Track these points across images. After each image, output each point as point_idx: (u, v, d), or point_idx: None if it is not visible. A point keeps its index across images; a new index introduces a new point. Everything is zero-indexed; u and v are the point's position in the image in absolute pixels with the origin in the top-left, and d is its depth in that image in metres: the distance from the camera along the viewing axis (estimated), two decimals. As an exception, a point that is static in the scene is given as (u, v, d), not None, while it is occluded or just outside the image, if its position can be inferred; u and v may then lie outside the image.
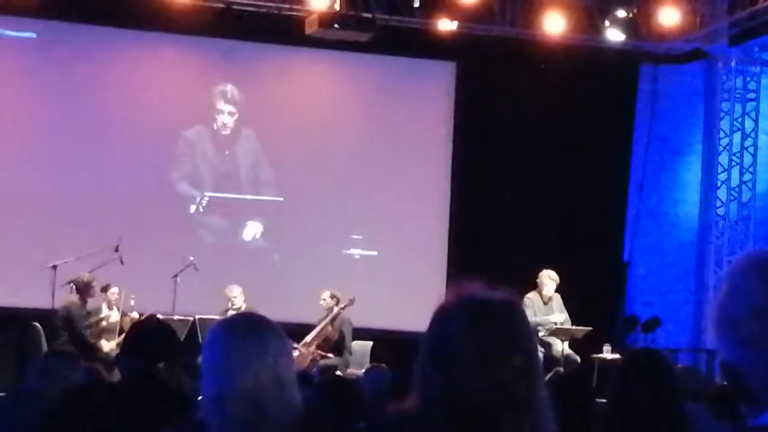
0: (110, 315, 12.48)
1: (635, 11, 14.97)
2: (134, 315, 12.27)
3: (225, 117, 15.33)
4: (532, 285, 13.06)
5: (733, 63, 16.12)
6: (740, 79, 16.19)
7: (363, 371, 9.92)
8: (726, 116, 16.16)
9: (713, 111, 16.27)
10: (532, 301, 12.91)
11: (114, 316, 12.46)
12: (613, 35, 14.94)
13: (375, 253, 15.53)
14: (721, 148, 16.16)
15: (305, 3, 14.00)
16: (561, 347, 12.85)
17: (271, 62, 15.52)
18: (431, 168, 15.72)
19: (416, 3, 14.49)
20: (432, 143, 15.79)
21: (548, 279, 13.09)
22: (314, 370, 12.25)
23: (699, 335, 15.72)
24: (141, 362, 4.44)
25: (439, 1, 14.53)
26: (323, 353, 13.00)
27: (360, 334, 13.57)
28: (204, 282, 13.38)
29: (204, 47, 15.20)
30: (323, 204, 15.30)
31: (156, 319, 10.10)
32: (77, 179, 14.60)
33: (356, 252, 15.52)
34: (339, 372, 12.35)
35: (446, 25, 14.60)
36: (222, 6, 14.36)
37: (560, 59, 14.74)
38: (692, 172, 16.43)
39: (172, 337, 5.16)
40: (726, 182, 16.10)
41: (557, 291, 13.17)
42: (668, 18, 14.87)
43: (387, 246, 15.44)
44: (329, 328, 13.13)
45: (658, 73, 16.30)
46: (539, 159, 15.46)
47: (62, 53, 14.75)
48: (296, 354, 12.18)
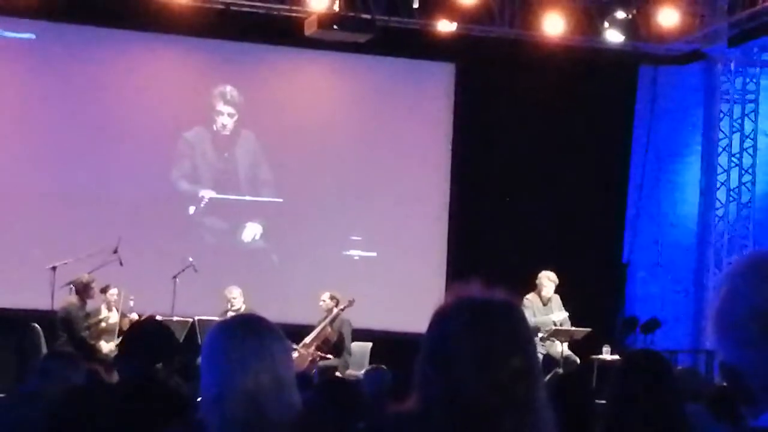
0: (109, 316, 12.48)
1: (634, 12, 14.96)
2: (133, 316, 12.26)
3: (224, 118, 15.33)
4: (532, 286, 13.06)
5: (733, 64, 16.12)
6: (740, 80, 16.19)
7: (362, 372, 9.93)
8: (725, 117, 16.16)
9: (712, 112, 16.27)
10: (532, 302, 12.91)
11: (113, 317, 12.45)
12: (613, 36, 14.93)
13: (374, 254, 15.53)
14: (721, 149, 16.16)
15: (304, 4, 14.00)
16: (560, 348, 12.85)
17: (271, 63, 15.53)
18: (430, 169, 15.72)
19: (415, 4, 14.49)
20: (431, 144, 15.79)
21: (547, 280, 13.08)
22: (314, 371, 12.24)
23: (698, 336, 15.71)
24: (139, 363, 4.44)
25: (439, 3, 14.53)
26: (323, 354, 13.00)
27: (359, 335, 13.57)
28: (203, 283, 13.37)
29: (203, 48, 15.20)
30: (323, 205, 15.30)
31: (154, 320, 10.10)
32: (76, 180, 14.60)
33: (356, 253, 15.52)
34: (338, 373, 12.36)
35: (445, 27, 14.60)
36: (221, 7, 14.36)
37: (559, 60, 14.73)
38: (692, 173, 16.42)
39: (171, 338, 5.16)
40: (725, 183, 16.10)
41: (556, 292, 13.16)
42: (667, 19, 14.86)
43: (386, 247, 15.44)
44: (329, 329, 13.12)
45: (658, 74, 16.30)
46: (539, 160, 15.46)
47: (61, 54, 14.75)
48: (296, 355, 12.18)
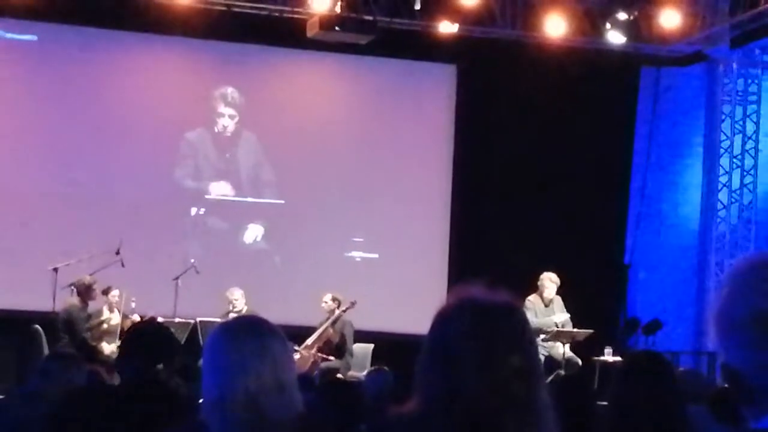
0: (111, 317, 12.48)
1: (636, 14, 14.95)
2: (135, 317, 12.25)
3: (225, 120, 15.33)
4: (533, 287, 13.06)
5: (734, 65, 16.12)
6: (741, 82, 16.19)
7: (364, 374, 9.93)
8: (727, 118, 16.16)
9: (714, 113, 16.26)
10: (533, 304, 12.91)
11: (115, 319, 12.45)
12: (614, 38, 14.92)
13: (376, 256, 15.52)
14: (722, 151, 16.16)
15: (306, 5, 14.00)
16: (562, 349, 12.85)
17: (273, 65, 15.53)
18: (432, 171, 15.72)
19: (417, 5, 14.48)
20: (433, 146, 15.78)
21: (549, 281, 13.08)
22: (315, 373, 12.25)
23: (700, 337, 15.70)
24: (139, 364, 4.44)
25: (440, 4, 14.52)
26: (324, 356, 13.00)
27: (361, 337, 13.56)
28: (205, 285, 13.37)
29: (205, 50, 15.20)
30: (324, 206, 15.30)
31: (153, 321, 10.11)
32: (78, 182, 14.61)
33: (357, 254, 15.52)
34: (340, 375, 12.35)
35: (447, 28, 14.60)
36: (222, 8, 14.35)
37: (561, 62, 14.72)
38: (693, 175, 16.42)
39: (170, 339, 5.15)
40: (727, 185, 16.10)
41: (558, 293, 13.17)
42: (669, 20, 14.86)
43: (388, 248, 15.44)
44: (330, 331, 13.12)
45: (660, 76, 16.30)
46: (540, 161, 15.45)
47: (63, 56, 14.76)
48: (297, 357, 12.18)
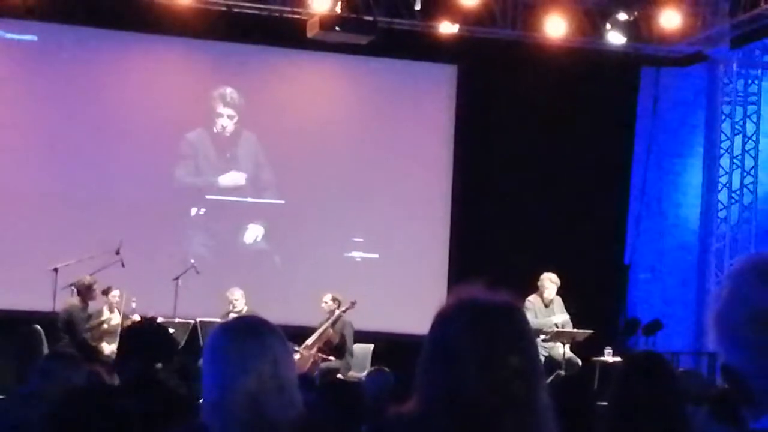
0: (111, 318, 12.49)
1: (636, 14, 14.95)
2: (135, 318, 12.26)
3: (224, 120, 15.33)
4: (533, 288, 13.05)
5: (735, 66, 16.13)
6: (741, 82, 16.19)
7: (364, 374, 9.93)
8: (727, 119, 16.16)
9: (714, 114, 16.27)
10: (533, 304, 12.91)
11: (115, 319, 12.46)
12: (615, 38, 14.91)
13: (376, 256, 15.52)
14: (723, 151, 16.17)
15: (306, 6, 14.00)
16: (562, 350, 12.85)
17: (273, 65, 15.53)
18: (432, 171, 15.72)
19: (417, 6, 14.48)
20: (433, 146, 15.78)
21: (549, 282, 13.08)
22: (315, 373, 12.25)
23: (700, 338, 15.70)
24: (138, 364, 4.43)
25: (441, 4, 14.52)
26: (324, 356, 13.00)
27: (361, 337, 13.56)
28: (205, 285, 13.37)
29: (205, 50, 15.20)
30: (324, 207, 15.30)
31: (151, 321, 10.11)
32: (78, 182, 14.61)
33: (357, 255, 15.52)
34: (340, 375, 12.36)
35: (447, 28, 14.60)
36: (222, 9, 14.35)
37: (561, 62, 14.72)
38: (693, 175, 16.42)
39: (168, 338, 5.15)
40: (727, 185, 16.11)
41: (558, 294, 13.17)
42: (669, 21, 14.86)
43: (388, 249, 15.44)
44: (330, 331, 13.12)
45: (660, 76, 16.29)
46: (540, 162, 15.45)
47: (63, 56, 14.76)
48: (297, 357, 12.18)
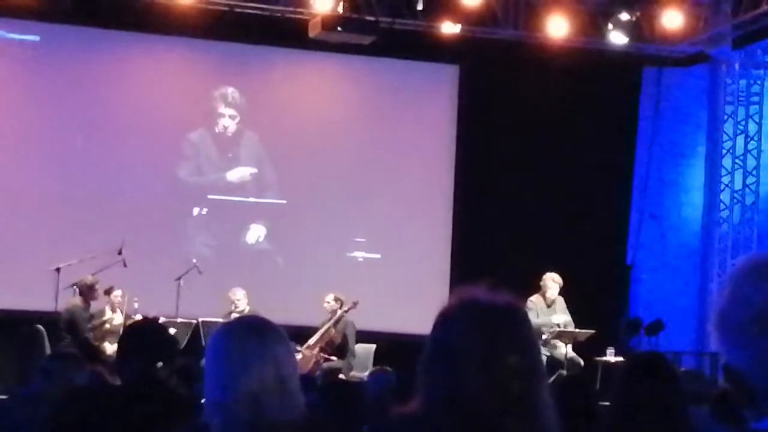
0: (113, 318, 12.49)
1: (638, 14, 14.94)
2: (138, 317, 12.25)
3: (226, 120, 15.32)
4: (535, 288, 13.06)
5: (737, 66, 16.12)
6: (744, 82, 16.18)
7: (366, 374, 9.93)
8: (729, 119, 16.15)
9: (716, 114, 16.26)
10: (535, 304, 12.91)
11: (117, 319, 12.46)
12: (617, 38, 14.91)
13: (378, 256, 15.52)
14: (725, 151, 16.15)
15: (308, 6, 14.00)
16: (564, 350, 12.85)
17: (274, 65, 15.53)
18: (434, 171, 15.72)
19: (419, 6, 14.48)
20: (435, 146, 15.78)
21: (551, 282, 13.08)
22: (317, 373, 12.26)
23: (702, 338, 15.69)
24: (138, 364, 4.43)
25: (443, 4, 14.52)
26: (326, 356, 13.00)
27: (363, 337, 13.56)
28: (207, 285, 13.38)
29: (207, 50, 15.20)
30: (326, 207, 15.30)
31: (151, 321, 10.10)
32: (80, 182, 14.61)
33: (359, 255, 15.52)
34: (342, 375, 12.36)
35: (449, 28, 14.60)
36: (224, 9, 14.36)
37: (563, 62, 14.71)
38: (695, 175, 16.41)
39: (169, 338, 5.15)
40: (729, 185, 16.09)
41: (560, 294, 13.17)
42: (671, 21, 14.85)
43: (390, 249, 15.43)
44: (332, 331, 13.12)
45: (662, 76, 16.28)
46: (542, 162, 15.45)
47: (65, 56, 14.77)
48: (299, 357, 12.19)
